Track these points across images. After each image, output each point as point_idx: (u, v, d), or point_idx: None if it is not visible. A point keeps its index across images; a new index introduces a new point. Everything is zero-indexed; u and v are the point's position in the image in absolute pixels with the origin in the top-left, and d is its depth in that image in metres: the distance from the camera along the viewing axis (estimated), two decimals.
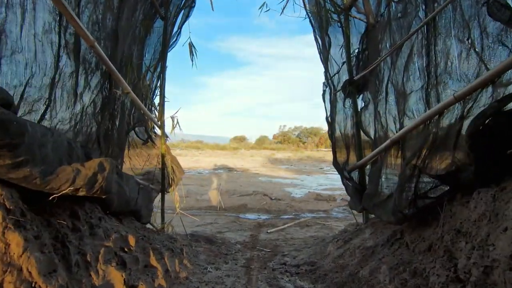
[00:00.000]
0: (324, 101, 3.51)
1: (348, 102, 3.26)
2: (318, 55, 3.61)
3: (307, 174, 19.30)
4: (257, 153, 38.34)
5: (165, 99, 3.30)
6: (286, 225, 6.19)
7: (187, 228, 6.66)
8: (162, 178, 3.42)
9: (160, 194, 3.78)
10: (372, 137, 2.89)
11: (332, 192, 13.14)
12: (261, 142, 57.58)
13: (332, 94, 3.36)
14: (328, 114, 3.42)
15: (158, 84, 3.27)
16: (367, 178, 3.01)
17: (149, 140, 3.20)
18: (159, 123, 3.35)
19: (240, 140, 60.80)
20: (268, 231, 5.77)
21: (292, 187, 13.97)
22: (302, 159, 30.75)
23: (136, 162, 3.06)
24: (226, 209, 8.37)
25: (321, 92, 3.52)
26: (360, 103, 3.20)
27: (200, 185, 13.99)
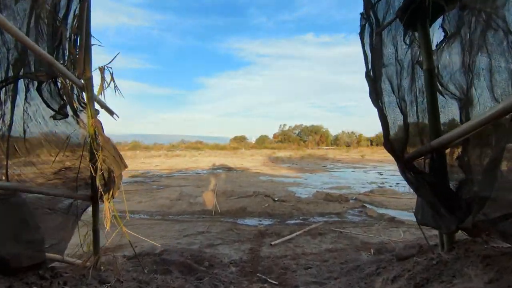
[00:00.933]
0: (362, 44, 2.06)
1: (408, 39, 1.89)
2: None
3: (310, 172, 17.95)
4: (258, 152, 37.06)
5: (93, 41, 1.87)
6: (294, 234, 4.82)
7: (171, 239, 5.27)
8: (91, 178, 1.98)
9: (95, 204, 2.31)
10: (464, 92, 1.55)
11: (338, 191, 11.80)
12: (262, 141, 56.27)
13: (375, 34, 1.98)
14: (369, 66, 2.03)
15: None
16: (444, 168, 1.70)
17: (65, 111, 1.82)
18: (81, 81, 1.93)
19: (240, 140, 59.50)
20: (272, 243, 4.40)
21: (296, 186, 12.62)
22: (303, 157, 29.41)
23: (45, 151, 1.71)
24: (222, 213, 7.02)
25: (358, 31, 2.12)
26: (434, 39, 1.85)
27: (197, 186, 12.66)
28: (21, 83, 1.58)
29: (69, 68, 1.75)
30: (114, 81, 1.90)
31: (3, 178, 1.50)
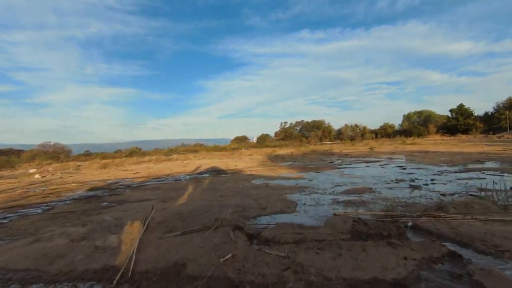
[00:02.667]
0: None
1: None
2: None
3: (316, 170, 13.93)
4: (258, 151, 33.13)
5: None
6: None
7: None
8: None
9: None
10: None
11: (359, 197, 7.81)
12: (262, 140, 52.28)
13: None
14: None
15: None
16: None
17: None
18: None
19: (241, 140, 55.61)
20: None
21: (298, 193, 8.66)
22: (306, 154, 25.36)
23: None
24: (135, 279, 3.11)
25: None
26: None
27: (163, 200, 8.74)
28: None
29: None
30: None
31: None
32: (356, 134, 50.32)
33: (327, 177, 11.68)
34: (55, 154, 49.13)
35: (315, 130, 51.24)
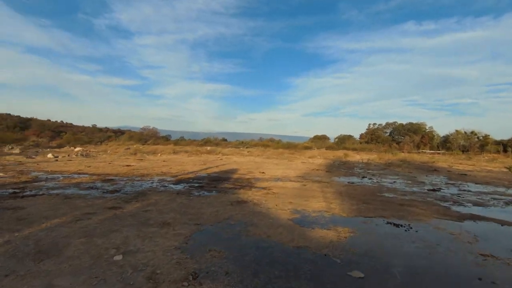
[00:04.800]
0: None
1: None
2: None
3: (393, 216, 5.33)
4: (326, 153, 24.42)
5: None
6: None
7: None
8: None
9: None
10: None
11: None
12: (342, 141, 42.07)
13: None
14: None
15: None
16: None
17: None
18: None
19: (320, 139, 46.62)
20: None
21: None
22: (391, 165, 15.78)
23: None
24: None
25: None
26: None
27: None
28: None
29: None
30: None
31: None
32: (472, 144, 34.91)
33: (447, 261, 3.27)
34: (148, 137, 50.76)
35: (410, 134, 37.92)
